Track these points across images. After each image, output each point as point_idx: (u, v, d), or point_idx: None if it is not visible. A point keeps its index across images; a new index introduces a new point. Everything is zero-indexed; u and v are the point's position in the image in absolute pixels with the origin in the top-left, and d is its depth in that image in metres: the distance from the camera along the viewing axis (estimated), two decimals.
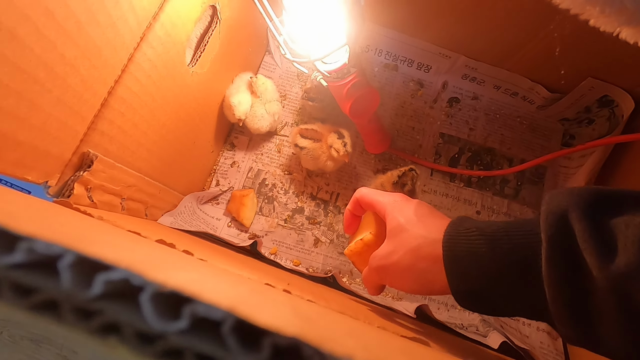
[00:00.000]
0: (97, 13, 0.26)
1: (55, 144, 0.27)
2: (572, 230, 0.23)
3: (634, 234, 0.21)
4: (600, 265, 0.21)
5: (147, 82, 0.37)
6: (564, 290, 0.23)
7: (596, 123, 0.66)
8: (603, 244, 0.22)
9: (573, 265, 0.22)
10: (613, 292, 0.21)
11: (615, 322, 0.22)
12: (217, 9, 0.48)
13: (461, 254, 0.27)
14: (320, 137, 0.57)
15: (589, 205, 0.23)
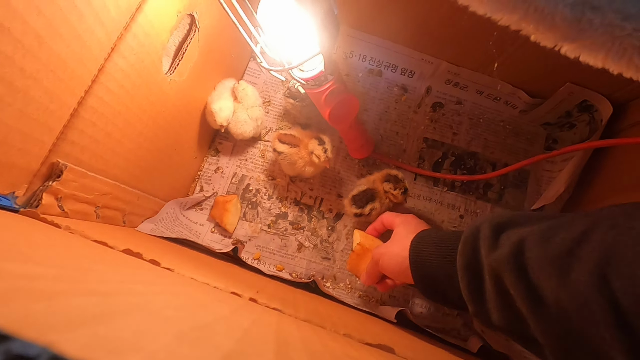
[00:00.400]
0: (59, 27, 0.26)
1: (20, 155, 0.28)
2: (479, 236, 0.34)
3: (511, 239, 0.31)
4: (487, 255, 0.32)
5: (120, 91, 0.37)
6: (468, 275, 0.34)
7: (577, 127, 0.67)
8: (494, 243, 0.32)
9: (474, 257, 0.34)
10: (491, 275, 0.31)
11: (493, 299, 0.32)
12: (195, 17, 0.48)
13: (419, 246, 0.43)
14: (298, 143, 0.57)
15: (495, 223, 0.34)
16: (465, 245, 0.35)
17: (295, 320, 0.26)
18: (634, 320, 0.23)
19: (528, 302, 0.29)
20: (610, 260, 0.25)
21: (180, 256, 0.39)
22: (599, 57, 0.20)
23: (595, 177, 0.60)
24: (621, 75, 0.21)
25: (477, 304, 0.34)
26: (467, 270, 0.34)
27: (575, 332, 0.27)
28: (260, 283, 0.40)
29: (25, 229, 0.21)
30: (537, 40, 0.20)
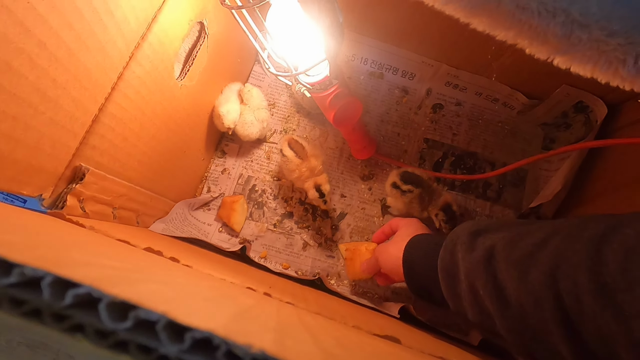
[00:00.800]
0: (86, 40, 0.28)
1: (49, 160, 0.30)
2: (457, 241, 0.38)
3: (485, 244, 0.35)
4: (463, 258, 0.36)
5: (136, 97, 0.39)
6: (447, 277, 0.38)
7: (573, 127, 0.69)
8: (470, 248, 0.36)
9: (452, 261, 0.38)
10: (466, 276, 0.35)
11: (468, 299, 0.35)
12: (205, 25, 0.50)
13: (411, 248, 0.47)
14: (304, 157, 0.58)
15: (473, 230, 0.38)
16: (446, 250, 0.39)
17: (309, 313, 0.28)
18: (574, 317, 0.26)
19: (494, 302, 0.32)
20: (560, 263, 0.28)
21: (194, 254, 0.41)
22: (587, 69, 0.22)
23: (591, 175, 0.62)
24: None
25: (455, 302, 0.38)
26: (446, 272, 0.38)
27: (532, 327, 0.30)
28: (270, 280, 0.42)
29: (58, 228, 0.23)
30: (532, 53, 0.22)
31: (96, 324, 0.08)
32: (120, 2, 0.31)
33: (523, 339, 0.31)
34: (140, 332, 0.08)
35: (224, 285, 0.27)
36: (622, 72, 0.22)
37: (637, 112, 0.57)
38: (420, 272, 0.44)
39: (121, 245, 0.27)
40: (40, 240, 0.14)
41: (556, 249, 0.29)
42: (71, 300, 0.08)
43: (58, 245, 0.14)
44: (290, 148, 0.59)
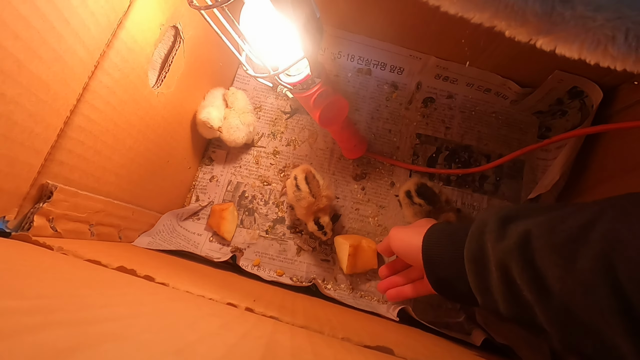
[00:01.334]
0: (37, 50, 0.26)
1: (8, 179, 0.28)
2: (485, 229, 0.35)
3: (518, 229, 0.31)
4: (493, 247, 0.33)
5: (107, 108, 0.37)
6: (475, 268, 0.35)
7: (569, 114, 0.67)
8: (500, 235, 0.33)
9: (481, 250, 0.35)
10: (497, 267, 0.32)
11: (500, 291, 0.32)
12: (179, 29, 0.48)
13: (430, 238, 0.43)
14: (317, 195, 0.56)
15: (502, 215, 0.34)
16: (472, 238, 0.36)
17: (290, 328, 0.26)
18: (638, 305, 0.23)
19: (534, 291, 0.29)
20: (616, 245, 0.25)
21: (176, 269, 0.39)
22: (574, 49, 0.20)
23: (590, 162, 0.60)
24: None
25: (485, 295, 0.35)
26: (474, 263, 0.35)
27: (580, 319, 0.27)
28: (258, 291, 0.40)
29: (12, 255, 0.21)
30: (512, 35, 0.20)
31: None
32: (77, 9, 0.29)
33: (570, 332, 0.28)
34: None
35: (198, 305, 0.25)
36: (612, 50, 0.20)
37: (634, 94, 0.55)
38: (441, 264, 0.40)
39: (85, 269, 0.25)
40: None
41: (608, 230, 0.26)
42: None
43: None
44: (307, 183, 0.56)
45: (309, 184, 0.56)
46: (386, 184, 0.68)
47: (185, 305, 0.22)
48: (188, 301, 0.25)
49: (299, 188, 0.56)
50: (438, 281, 0.42)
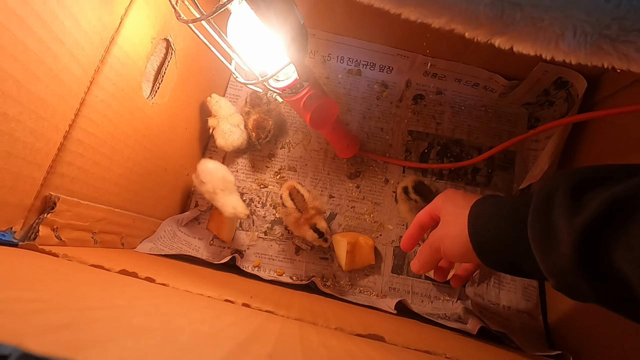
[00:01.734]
0: (35, 70, 0.28)
1: (12, 193, 0.30)
2: (553, 203, 0.29)
3: (600, 198, 0.26)
4: (568, 224, 0.27)
5: (103, 121, 0.39)
6: (544, 249, 0.30)
7: (556, 104, 0.68)
8: (575, 209, 0.27)
9: (549, 228, 0.29)
10: (576, 245, 0.26)
11: (581, 271, 0.27)
12: (170, 41, 0.50)
13: (478, 216, 0.37)
14: (304, 209, 0.57)
15: (573, 185, 0.28)
16: (537, 215, 0.30)
17: (283, 319, 0.28)
18: None
19: (634, 266, 0.25)
20: None
21: (177, 271, 0.41)
22: (528, 46, 0.22)
23: (578, 151, 0.61)
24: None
25: (559, 278, 0.29)
26: (541, 243, 0.30)
27: None
28: (257, 289, 0.42)
29: (20, 262, 0.23)
30: (472, 37, 0.22)
31: None
32: (70, 29, 0.31)
33: None
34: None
35: (193, 301, 0.27)
36: (563, 46, 0.21)
37: (617, 82, 0.56)
38: (497, 246, 0.35)
39: (89, 273, 0.27)
40: None
41: None
42: None
43: None
44: (291, 198, 0.57)
45: (294, 200, 0.57)
46: (380, 181, 0.69)
47: (181, 301, 0.24)
48: (185, 298, 0.27)
49: (285, 205, 0.58)
50: (496, 265, 0.36)
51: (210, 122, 0.63)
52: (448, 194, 0.43)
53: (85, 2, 0.32)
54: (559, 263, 0.28)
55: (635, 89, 0.52)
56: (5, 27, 0.24)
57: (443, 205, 0.42)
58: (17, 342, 0.08)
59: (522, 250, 0.32)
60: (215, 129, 0.62)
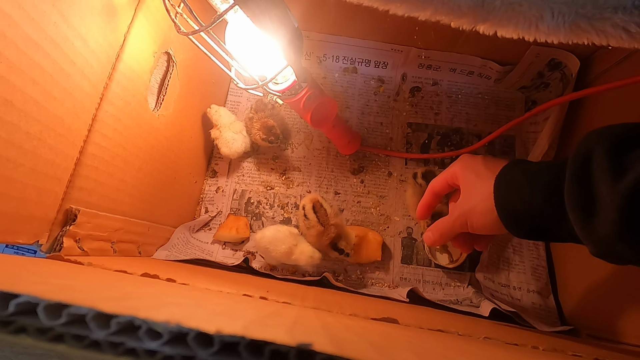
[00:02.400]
0: (52, 90, 0.30)
1: (38, 207, 0.32)
2: (590, 168, 0.27)
3: (638, 164, 0.24)
4: (611, 189, 0.25)
5: (114, 135, 0.41)
6: (583, 216, 0.28)
7: (551, 86, 0.69)
8: (617, 172, 0.25)
9: (589, 194, 0.27)
10: (621, 210, 0.25)
11: (626, 235, 0.25)
12: (171, 54, 0.52)
13: (506, 188, 0.34)
14: (326, 223, 0.58)
15: (610, 146, 0.27)
16: (575, 182, 0.28)
17: (299, 308, 0.30)
18: None
19: None
20: None
21: (195, 273, 0.43)
22: (510, 31, 0.23)
23: (576, 129, 0.62)
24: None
25: (601, 245, 0.28)
26: (583, 212, 0.28)
27: None
28: (271, 285, 0.43)
29: (55, 267, 0.25)
30: (457, 26, 0.24)
31: (36, 324, 0.10)
32: (80, 50, 0.33)
33: None
34: (74, 325, 0.10)
35: (218, 296, 0.29)
36: (543, 27, 0.23)
37: (609, 59, 0.57)
38: (530, 218, 0.33)
39: (117, 275, 0.29)
40: (21, 274, 0.16)
41: None
42: (14, 308, 0.10)
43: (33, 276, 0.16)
44: (315, 212, 0.58)
45: (317, 213, 0.58)
46: (384, 174, 0.71)
47: (204, 294, 0.25)
48: (207, 293, 0.28)
49: (307, 217, 0.59)
50: (529, 235, 0.35)
51: (213, 133, 0.65)
52: (466, 161, 0.40)
53: (92, 23, 0.34)
54: (601, 230, 0.26)
55: (627, 64, 0.53)
56: (23, 52, 0.26)
57: (462, 173, 0.39)
58: (91, 305, 0.10)
59: (558, 218, 0.30)
60: (218, 138, 0.64)
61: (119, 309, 0.10)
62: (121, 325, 0.10)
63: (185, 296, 0.17)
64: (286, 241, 0.57)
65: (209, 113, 0.64)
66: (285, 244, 0.57)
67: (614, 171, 0.26)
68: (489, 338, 0.33)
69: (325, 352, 0.09)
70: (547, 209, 0.31)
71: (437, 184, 0.43)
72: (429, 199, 0.44)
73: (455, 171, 0.41)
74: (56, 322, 0.10)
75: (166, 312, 0.10)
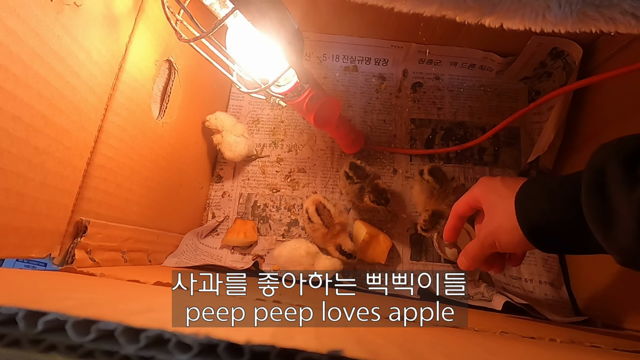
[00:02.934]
0: (58, 104, 0.30)
1: (49, 221, 0.32)
2: (605, 180, 0.28)
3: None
4: (627, 199, 0.26)
5: (120, 145, 0.41)
6: (603, 226, 0.28)
7: (554, 75, 0.68)
8: (632, 181, 0.26)
9: (606, 205, 0.28)
10: (634, 218, 0.25)
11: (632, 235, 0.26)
12: (172, 61, 0.52)
13: (526, 204, 0.35)
14: (330, 224, 0.58)
15: (624, 157, 0.27)
16: (590, 193, 0.29)
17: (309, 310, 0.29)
18: None
19: None
20: None
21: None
22: (517, 22, 0.23)
23: (582, 118, 0.62)
24: None
25: (625, 254, 0.29)
26: (602, 222, 0.29)
27: None
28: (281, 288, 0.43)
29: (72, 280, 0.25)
30: (462, 20, 0.23)
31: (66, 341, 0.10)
32: (84, 62, 0.33)
33: None
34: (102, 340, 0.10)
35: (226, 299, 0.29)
36: (550, 18, 0.22)
37: (612, 46, 0.57)
38: (553, 232, 0.34)
39: (130, 285, 0.29)
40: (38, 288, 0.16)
41: None
42: (43, 326, 0.10)
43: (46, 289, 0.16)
44: (319, 214, 0.58)
45: (321, 215, 0.58)
46: (389, 171, 0.71)
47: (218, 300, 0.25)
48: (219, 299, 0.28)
49: (312, 220, 0.58)
50: (553, 249, 0.36)
51: (215, 139, 0.65)
52: (486, 183, 0.41)
53: (94, 35, 0.34)
54: (622, 240, 0.27)
55: (630, 50, 0.53)
56: (29, 67, 0.26)
57: (483, 196, 0.41)
58: (120, 319, 0.10)
59: (581, 231, 0.31)
60: (221, 143, 0.64)
61: (146, 321, 0.10)
62: (150, 339, 0.10)
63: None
64: (302, 262, 0.57)
65: (208, 123, 0.63)
66: (302, 265, 0.57)
67: (629, 181, 0.26)
68: (505, 332, 0.33)
69: (358, 358, 0.09)
70: (569, 222, 0.32)
71: (459, 207, 0.44)
72: (454, 222, 0.45)
73: (476, 194, 0.41)
74: (85, 338, 0.10)
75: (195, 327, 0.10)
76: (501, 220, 0.38)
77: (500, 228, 0.38)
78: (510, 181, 0.39)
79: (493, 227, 0.39)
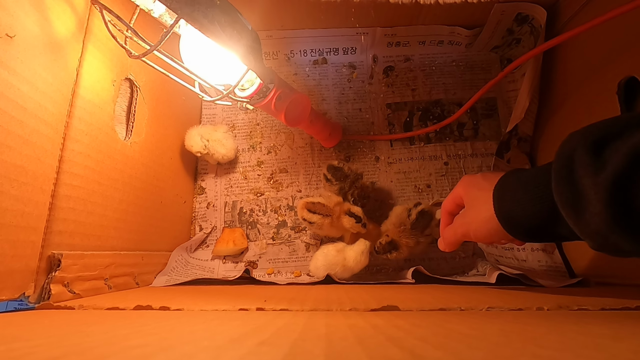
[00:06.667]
0: (5, 141, 0.29)
1: (16, 260, 0.31)
2: (573, 166, 0.29)
3: (621, 151, 0.26)
4: (593, 183, 0.27)
5: (86, 172, 0.40)
6: (574, 212, 0.29)
7: (523, 40, 0.68)
8: (597, 166, 0.27)
9: (575, 190, 0.28)
10: (606, 202, 0.26)
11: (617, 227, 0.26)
12: (132, 79, 0.51)
13: (503, 195, 0.36)
14: (330, 212, 0.57)
15: (590, 143, 0.28)
16: (560, 179, 0.30)
17: (294, 314, 0.29)
18: None
19: None
20: None
21: (192, 295, 0.42)
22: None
23: (554, 80, 0.61)
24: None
25: (596, 238, 0.29)
26: (572, 207, 0.29)
27: None
28: (271, 292, 0.43)
29: (48, 321, 0.24)
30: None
31: None
32: (28, 94, 0.32)
33: None
34: None
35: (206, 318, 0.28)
36: None
37: (574, 4, 0.56)
38: (528, 220, 0.34)
39: (104, 315, 0.28)
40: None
41: None
42: None
43: None
44: (313, 212, 0.57)
45: (316, 211, 0.58)
46: (371, 160, 0.70)
47: (190, 319, 0.25)
48: (197, 316, 0.28)
49: (312, 222, 0.58)
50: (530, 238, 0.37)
51: (200, 150, 0.63)
52: (467, 180, 0.43)
53: (36, 64, 0.33)
54: (592, 223, 0.28)
55: (592, 5, 0.52)
56: None
57: (465, 191, 0.42)
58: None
59: (555, 218, 0.32)
60: (209, 148, 0.64)
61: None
62: None
63: (173, 330, 0.16)
64: (338, 261, 0.56)
65: (188, 147, 0.63)
66: (339, 264, 0.56)
67: (595, 166, 0.27)
68: (492, 308, 0.32)
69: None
70: (543, 210, 0.33)
71: (446, 205, 0.46)
72: (445, 219, 0.47)
73: (459, 191, 0.43)
74: None
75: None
76: (478, 211, 0.39)
77: (477, 218, 0.39)
78: (490, 175, 0.41)
79: (469, 218, 0.41)
